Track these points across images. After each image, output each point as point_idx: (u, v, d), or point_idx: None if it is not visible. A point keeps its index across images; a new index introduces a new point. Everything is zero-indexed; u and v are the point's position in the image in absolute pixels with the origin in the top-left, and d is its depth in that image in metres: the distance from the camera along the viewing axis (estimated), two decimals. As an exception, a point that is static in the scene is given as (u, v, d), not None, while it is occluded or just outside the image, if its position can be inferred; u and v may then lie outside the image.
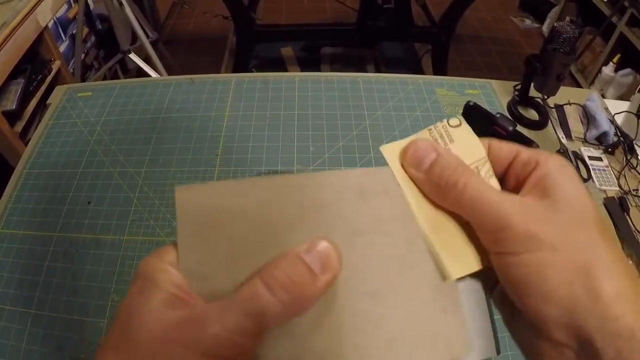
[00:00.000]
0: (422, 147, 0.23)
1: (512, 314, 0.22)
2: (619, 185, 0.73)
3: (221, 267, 0.21)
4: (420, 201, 0.23)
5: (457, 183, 0.22)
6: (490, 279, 0.23)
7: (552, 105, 0.84)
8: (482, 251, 0.22)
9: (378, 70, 2.16)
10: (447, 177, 0.22)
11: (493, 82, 0.89)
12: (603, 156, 0.78)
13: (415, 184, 0.24)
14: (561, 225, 0.20)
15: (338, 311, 0.21)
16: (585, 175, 0.73)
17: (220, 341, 0.17)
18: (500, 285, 0.23)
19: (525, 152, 0.24)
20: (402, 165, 0.24)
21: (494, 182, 0.24)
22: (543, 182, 0.22)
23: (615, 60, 2.05)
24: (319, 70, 2.14)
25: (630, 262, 0.62)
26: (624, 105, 0.87)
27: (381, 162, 0.25)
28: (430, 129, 0.25)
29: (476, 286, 0.23)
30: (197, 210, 0.21)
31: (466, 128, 0.25)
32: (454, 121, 0.25)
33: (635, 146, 0.79)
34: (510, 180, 0.24)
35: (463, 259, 0.23)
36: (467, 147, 0.24)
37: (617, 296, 0.18)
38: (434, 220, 0.23)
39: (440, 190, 0.22)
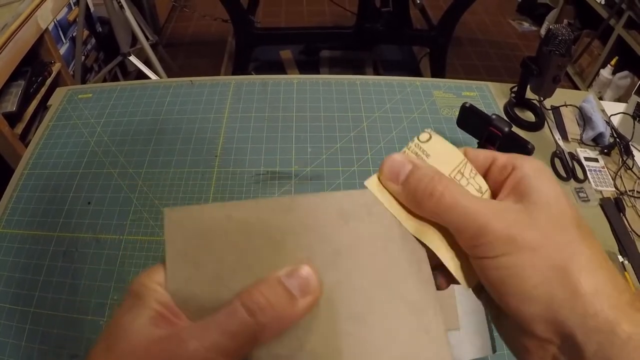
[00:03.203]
0: (397, 160, 0.24)
1: (497, 313, 0.22)
2: (615, 186, 0.73)
3: (206, 288, 0.21)
4: (403, 216, 0.24)
5: (433, 193, 0.22)
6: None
7: (548, 107, 0.85)
8: (465, 259, 0.23)
9: (376, 73, 2.17)
10: (423, 188, 0.22)
11: (490, 84, 0.90)
12: (599, 157, 0.78)
13: (396, 199, 0.24)
14: (539, 226, 0.20)
15: (322, 332, 0.21)
16: (581, 176, 0.74)
17: (197, 358, 0.18)
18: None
19: (501, 158, 0.24)
20: (380, 180, 0.24)
21: (480, 180, 0.24)
22: (520, 185, 0.22)
23: (613, 62, 2.06)
24: (318, 73, 2.14)
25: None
26: (621, 106, 0.88)
27: (378, 163, 0.25)
28: (405, 151, 0.25)
29: None
30: (184, 232, 0.22)
31: (437, 139, 0.25)
32: (423, 136, 0.25)
33: (632, 147, 0.80)
34: (489, 186, 0.24)
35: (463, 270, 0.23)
36: (444, 157, 0.24)
37: (596, 292, 0.19)
38: (421, 234, 0.23)
39: (417, 201, 0.23)
